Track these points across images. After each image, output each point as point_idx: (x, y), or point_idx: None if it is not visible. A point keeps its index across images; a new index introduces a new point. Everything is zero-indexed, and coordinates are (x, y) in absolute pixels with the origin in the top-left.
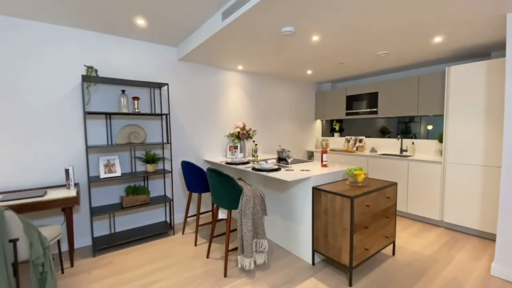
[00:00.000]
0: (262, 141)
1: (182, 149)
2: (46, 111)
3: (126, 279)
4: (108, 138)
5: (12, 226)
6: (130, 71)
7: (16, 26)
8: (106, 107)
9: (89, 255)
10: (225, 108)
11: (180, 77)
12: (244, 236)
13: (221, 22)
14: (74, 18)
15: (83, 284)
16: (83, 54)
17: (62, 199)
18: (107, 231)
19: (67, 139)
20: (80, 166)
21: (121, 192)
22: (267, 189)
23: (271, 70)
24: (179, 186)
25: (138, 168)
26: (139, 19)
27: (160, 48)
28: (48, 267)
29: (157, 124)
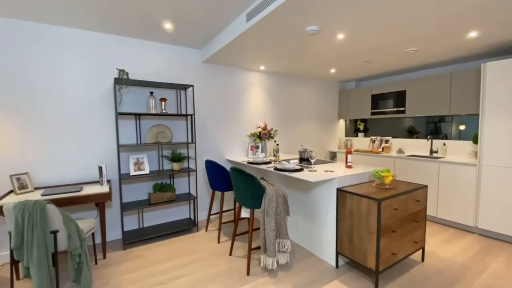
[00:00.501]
0: (284, 141)
1: (205, 148)
2: (82, 112)
3: (154, 272)
4: (138, 138)
5: (53, 219)
6: (158, 73)
7: (58, 33)
8: (135, 108)
9: (119, 248)
10: (247, 108)
11: (204, 78)
12: (267, 235)
13: (245, 24)
14: (109, 25)
15: (115, 275)
16: (116, 57)
17: (96, 195)
18: (136, 226)
19: (101, 138)
20: (112, 163)
21: (149, 189)
22: (289, 189)
23: (294, 69)
24: (203, 184)
25: (164, 166)
26: (167, 24)
27: (186, 50)
28: (84, 257)
29: (183, 124)
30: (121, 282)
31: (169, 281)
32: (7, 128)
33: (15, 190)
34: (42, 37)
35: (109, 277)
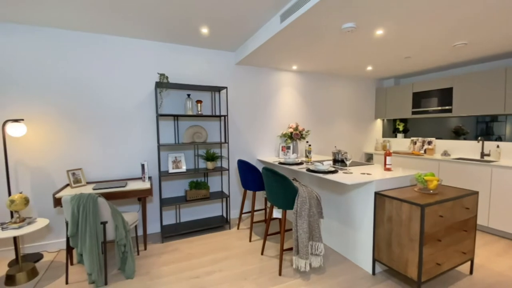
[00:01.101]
0: (316, 142)
1: (237, 148)
2: (127, 114)
3: (190, 265)
4: (176, 137)
5: (102, 211)
6: (194, 76)
7: (106, 42)
8: (174, 109)
9: (158, 240)
10: (278, 109)
11: (237, 80)
12: (299, 237)
13: (279, 24)
14: (151, 32)
15: (155, 266)
16: (157, 62)
17: (139, 190)
18: (174, 221)
19: (143, 138)
20: (153, 161)
21: (185, 186)
22: (322, 191)
23: (328, 68)
24: (235, 183)
25: (200, 165)
26: (203, 29)
27: (220, 53)
28: (128, 248)
29: (216, 124)
30: (160, 272)
31: (204, 275)
32: (65, 129)
33: (70, 184)
34: (94, 46)
35: (149, 267)
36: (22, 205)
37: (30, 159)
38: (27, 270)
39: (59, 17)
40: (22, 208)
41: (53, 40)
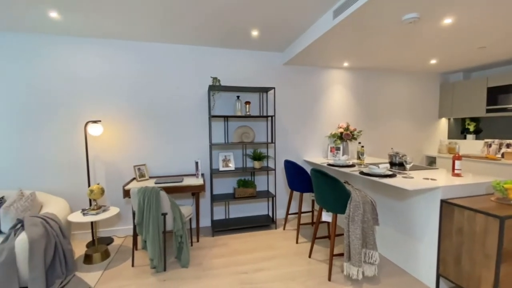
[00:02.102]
0: (369, 143)
1: (284, 148)
2: (183, 115)
3: (239, 260)
4: (225, 137)
5: (163, 203)
6: (243, 78)
7: (166, 49)
8: (224, 111)
9: (209, 234)
10: (327, 108)
11: (284, 80)
12: (351, 243)
13: (332, 21)
14: (204, 39)
15: (206, 258)
16: (210, 67)
17: (194, 186)
18: (223, 216)
19: (196, 137)
20: (205, 159)
21: (233, 184)
22: (376, 196)
23: (384, 63)
24: (281, 183)
25: (247, 164)
26: (253, 32)
27: (268, 55)
28: (184, 238)
29: (263, 125)
30: (212, 264)
31: (252, 271)
32: (132, 129)
33: (136, 178)
34: (154, 54)
35: (202, 259)
36: (99, 194)
37: (104, 155)
38: (101, 251)
39: (127, 31)
40: (99, 197)
41: (121, 51)
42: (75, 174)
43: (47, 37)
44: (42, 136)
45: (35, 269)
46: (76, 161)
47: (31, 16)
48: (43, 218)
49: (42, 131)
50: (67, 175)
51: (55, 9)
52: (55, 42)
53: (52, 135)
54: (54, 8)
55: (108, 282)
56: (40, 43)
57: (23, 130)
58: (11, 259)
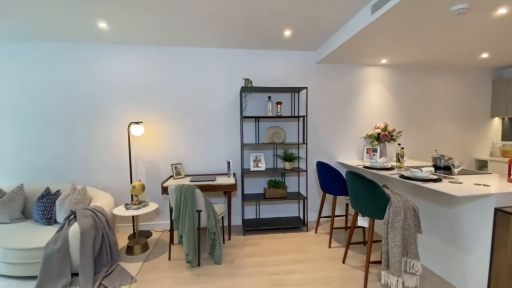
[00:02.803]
0: (409, 145)
1: (316, 149)
2: (215, 117)
3: (271, 261)
4: (256, 138)
5: (198, 201)
6: (275, 79)
7: (200, 53)
8: (255, 111)
9: (240, 233)
10: (363, 107)
11: (317, 79)
12: (390, 251)
13: (370, 16)
14: (236, 41)
15: (238, 256)
16: (242, 68)
17: (226, 185)
18: (253, 216)
19: (228, 138)
20: (236, 159)
21: (264, 184)
22: (417, 202)
23: (427, 59)
24: (313, 185)
25: (278, 165)
26: (286, 31)
27: (300, 54)
28: (217, 236)
29: (295, 125)
30: (244, 263)
31: (284, 273)
32: (169, 130)
33: (173, 176)
34: (189, 58)
35: (234, 257)
36: (140, 190)
37: (145, 154)
38: (141, 244)
39: (164, 37)
40: (140, 193)
41: (159, 56)
42: (119, 171)
43: (93, 46)
44: (91, 136)
45: (85, 257)
46: (120, 160)
47: (82, 27)
48: (92, 210)
49: (91, 132)
50: (113, 172)
51: (104, 20)
52: (101, 50)
53: (100, 135)
54: (103, 19)
55: (147, 273)
56: (88, 52)
57: (75, 131)
58: (65, 246)
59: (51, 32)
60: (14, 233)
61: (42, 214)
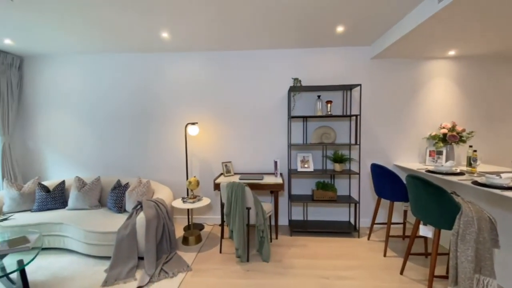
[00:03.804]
0: (483, 147)
1: (370, 150)
2: (263, 117)
3: (320, 264)
4: (304, 138)
5: (247, 198)
6: (325, 77)
7: (249, 55)
8: (304, 111)
9: (286, 233)
10: (425, 105)
11: (372, 76)
12: (460, 265)
13: (437, 5)
14: (287, 41)
15: (286, 256)
16: (291, 68)
17: (273, 184)
18: (301, 217)
19: (275, 138)
20: (283, 159)
21: (312, 186)
22: (494, 212)
23: (504, 48)
24: (366, 189)
25: (327, 166)
26: (339, 27)
27: (353, 50)
28: (266, 233)
29: (346, 125)
30: (292, 263)
31: (335, 278)
32: (220, 129)
33: (224, 173)
34: (239, 61)
35: (281, 256)
36: (195, 185)
37: (199, 152)
38: (195, 235)
39: (216, 43)
40: (195, 188)
41: (211, 60)
42: (177, 168)
43: (155, 55)
44: (154, 136)
45: (149, 243)
46: (178, 157)
47: (146, 38)
48: (155, 202)
49: (154, 133)
50: (171, 168)
51: (166, 31)
52: (162, 58)
53: (161, 135)
54: (165, 30)
55: (201, 263)
56: (151, 60)
57: (141, 132)
58: (133, 232)
59: (120, 44)
60: (93, 218)
61: (114, 203)
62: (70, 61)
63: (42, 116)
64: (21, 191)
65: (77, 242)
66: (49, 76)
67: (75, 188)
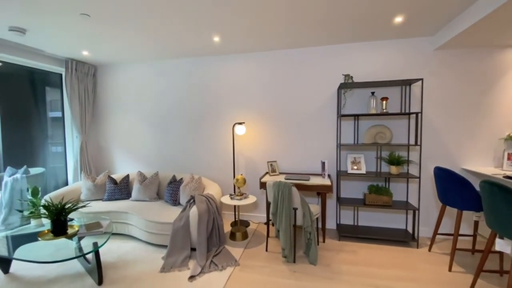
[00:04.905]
0: None
1: (432, 152)
2: (310, 116)
3: (372, 273)
4: (355, 138)
5: (294, 198)
6: (380, 72)
7: (294, 54)
8: (355, 109)
9: (334, 237)
10: (502, 101)
11: (435, 69)
12: None
13: None
14: (335, 36)
15: (334, 261)
16: (340, 64)
17: (321, 185)
18: (351, 222)
19: (323, 138)
20: (331, 160)
21: (363, 189)
22: None
23: None
24: (428, 195)
25: (381, 168)
26: (397, 18)
27: (412, 41)
28: (313, 235)
29: (404, 124)
30: (341, 269)
31: None
32: (266, 129)
33: (269, 172)
34: (285, 60)
35: (329, 260)
36: (242, 183)
37: (245, 151)
38: (242, 232)
39: (263, 44)
40: (242, 185)
41: (258, 61)
42: (225, 165)
43: (207, 58)
44: (205, 135)
45: (201, 235)
46: (226, 155)
47: (198, 44)
48: (206, 197)
49: (205, 131)
50: (220, 166)
51: (217, 35)
52: (213, 61)
53: (211, 134)
54: (216, 34)
55: (248, 259)
56: (200, 64)
57: (193, 131)
58: (187, 224)
59: (174, 51)
60: (152, 209)
61: (170, 196)
62: (133, 69)
63: (111, 118)
64: (94, 183)
65: (139, 230)
66: (116, 82)
67: (137, 182)
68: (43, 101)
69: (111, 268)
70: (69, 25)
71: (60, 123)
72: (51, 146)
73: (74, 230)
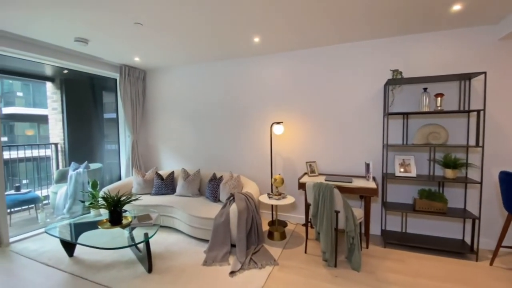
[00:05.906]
0: None
1: (497, 155)
2: (353, 115)
3: (421, 284)
4: (404, 138)
5: (336, 201)
6: (433, 67)
7: (334, 50)
8: (404, 107)
9: (379, 244)
10: None
11: (500, 61)
12: None
13: None
14: (380, 30)
15: (379, 268)
16: (386, 59)
17: (365, 188)
18: (398, 228)
19: (367, 137)
20: (376, 161)
21: (413, 194)
22: None
23: None
24: (491, 202)
25: (434, 171)
26: (455, 6)
27: (472, 31)
28: (356, 241)
29: (462, 122)
30: (386, 278)
31: None
32: (305, 129)
33: (308, 173)
34: (325, 58)
35: (374, 268)
36: (280, 183)
37: (283, 151)
38: (280, 231)
39: (305, 41)
40: (280, 185)
41: (297, 60)
42: (263, 165)
43: (246, 59)
44: (244, 134)
45: (240, 232)
46: (264, 154)
47: (238, 45)
48: (245, 195)
49: (244, 131)
50: (258, 165)
51: (258, 35)
52: (251, 62)
53: (250, 134)
54: (258, 34)
55: (287, 260)
56: (240, 64)
57: (233, 131)
58: (227, 221)
59: (215, 54)
60: (194, 205)
61: (211, 193)
62: (177, 72)
63: (158, 119)
64: (144, 178)
65: (183, 224)
66: (162, 85)
67: (181, 178)
68: (101, 103)
69: (158, 258)
70: (124, 34)
71: (114, 124)
72: (107, 144)
73: (128, 221)
